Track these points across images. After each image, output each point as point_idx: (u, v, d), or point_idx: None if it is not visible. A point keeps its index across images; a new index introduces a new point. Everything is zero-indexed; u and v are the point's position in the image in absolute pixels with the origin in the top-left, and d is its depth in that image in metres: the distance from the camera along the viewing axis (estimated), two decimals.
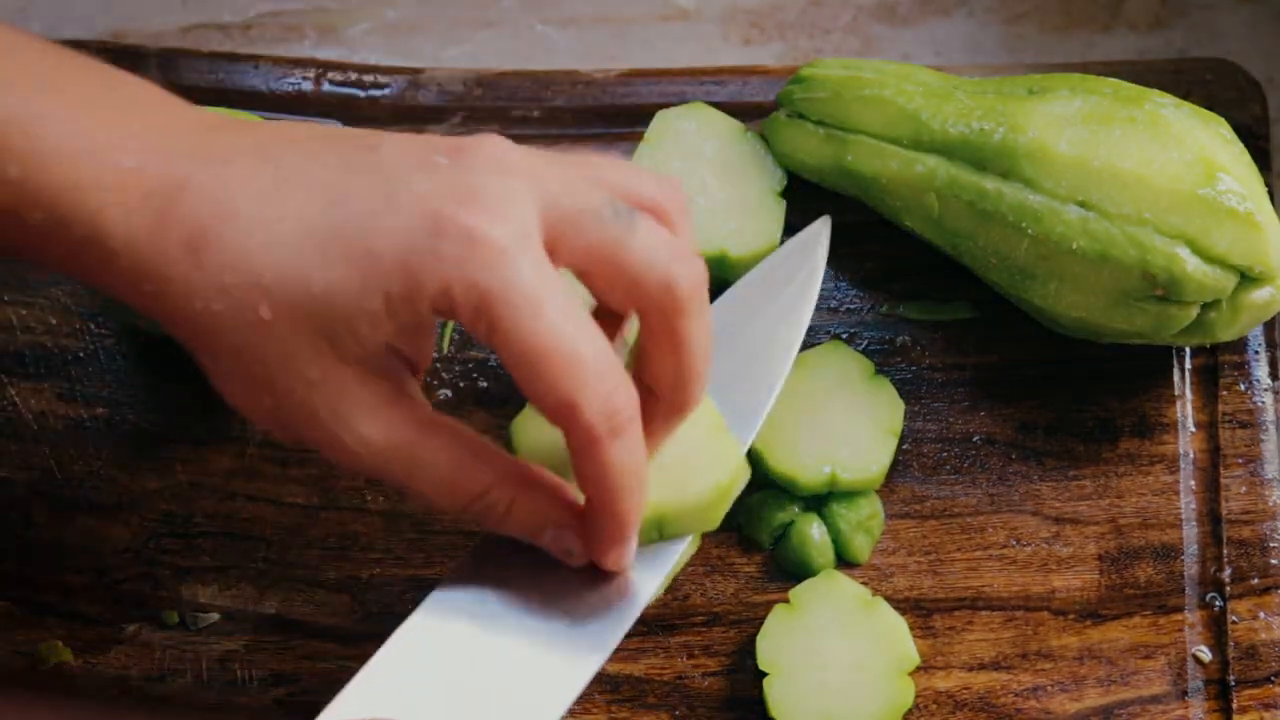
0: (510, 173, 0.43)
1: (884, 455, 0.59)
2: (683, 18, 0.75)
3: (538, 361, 0.42)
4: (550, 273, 0.43)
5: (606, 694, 0.58)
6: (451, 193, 0.42)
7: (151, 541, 0.60)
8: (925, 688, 0.57)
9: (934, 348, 0.63)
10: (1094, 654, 0.58)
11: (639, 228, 0.44)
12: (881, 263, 0.65)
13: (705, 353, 0.47)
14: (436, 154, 0.44)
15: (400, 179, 0.43)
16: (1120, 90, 0.58)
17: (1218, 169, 0.55)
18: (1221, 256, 0.54)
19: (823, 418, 0.60)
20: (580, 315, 0.43)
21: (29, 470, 0.62)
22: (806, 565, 0.59)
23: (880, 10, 0.74)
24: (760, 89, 0.68)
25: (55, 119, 0.43)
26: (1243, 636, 0.58)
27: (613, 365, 0.44)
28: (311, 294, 0.42)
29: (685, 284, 0.45)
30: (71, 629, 0.59)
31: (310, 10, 0.76)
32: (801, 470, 0.59)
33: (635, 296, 0.45)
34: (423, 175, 0.43)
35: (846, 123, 0.62)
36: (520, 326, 0.42)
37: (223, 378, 0.46)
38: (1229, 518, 0.60)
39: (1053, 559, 0.59)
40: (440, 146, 0.44)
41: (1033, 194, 0.56)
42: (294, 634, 0.59)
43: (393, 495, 0.61)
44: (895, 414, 0.60)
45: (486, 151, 0.44)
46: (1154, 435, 0.61)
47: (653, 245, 0.44)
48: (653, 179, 0.47)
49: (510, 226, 0.42)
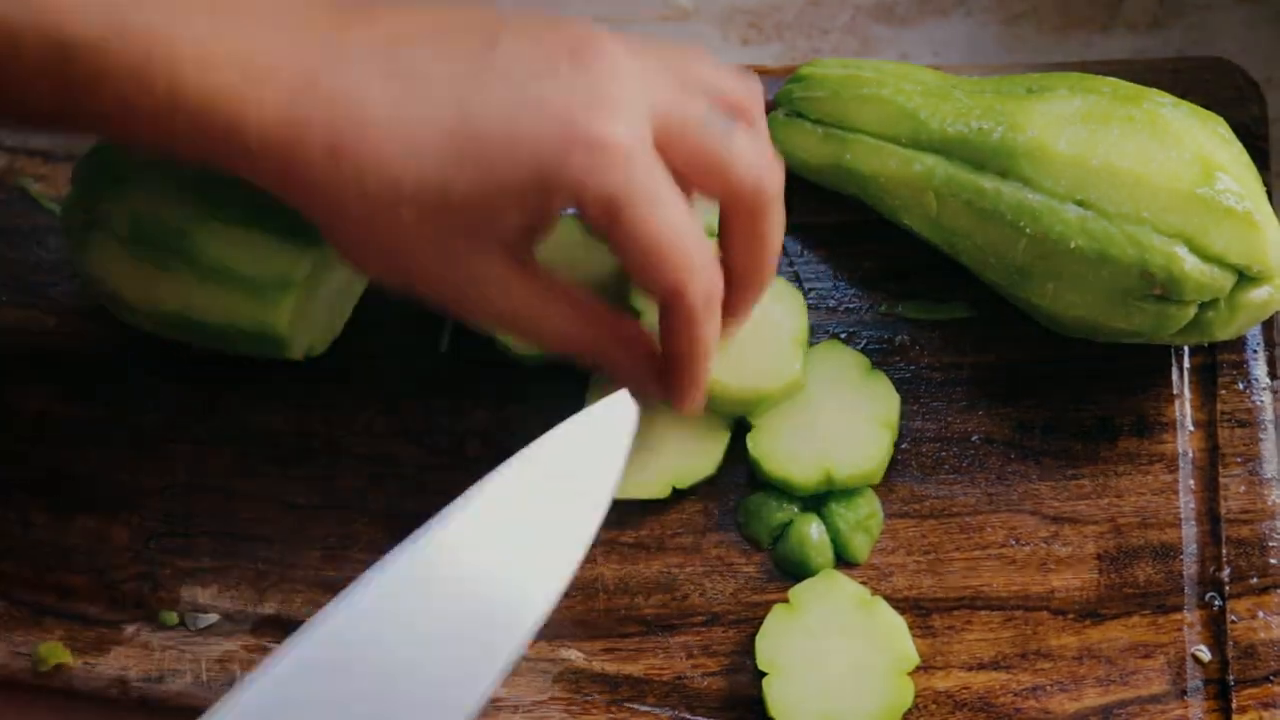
0: (625, 79, 0.47)
1: (879, 448, 0.59)
2: (683, 18, 0.75)
3: (654, 253, 0.47)
4: (663, 174, 0.47)
5: (606, 694, 0.58)
6: (577, 100, 0.46)
7: (151, 541, 0.60)
8: (925, 687, 0.57)
9: (932, 347, 0.63)
10: (1093, 654, 0.58)
11: (736, 137, 0.49)
12: (880, 262, 0.65)
13: (778, 245, 0.53)
14: (558, 59, 0.47)
15: (527, 85, 0.46)
16: (1119, 90, 0.58)
17: (1216, 168, 0.55)
18: (1219, 255, 0.54)
19: (817, 417, 0.60)
20: (688, 212, 0.48)
21: (29, 470, 0.62)
22: (806, 565, 0.59)
23: (878, 10, 0.74)
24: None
25: (191, 26, 0.45)
26: (1242, 636, 0.58)
27: (712, 257, 0.50)
28: (449, 200, 0.46)
29: (772, 189, 0.51)
30: (71, 629, 0.59)
31: None
32: (797, 470, 0.59)
33: (728, 196, 0.50)
34: (548, 82, 0.46)
35: (845, 122, 0.62)
36: (640, 224, 0.47)
37: (352, 248, 0.50)
38: (1228, 517, 0.60)
39: (1052, 558, 0.59)
40: (558, 49, 0.47)
41: (1031, 193, 0.56)
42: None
43: (393, 495, 0.61)
44: (890, 407, 0.60)
45: (604, 59, 0.47)
46: (1153, 434, 0.61)
47: (747, 154, 0.49)
48: (735, 77, 0.52)
49: (631, 131, 0.46)
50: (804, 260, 0.65)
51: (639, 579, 0.59)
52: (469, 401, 0.63)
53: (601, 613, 0.59)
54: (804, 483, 0.59)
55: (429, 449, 0.62)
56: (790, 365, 0.59)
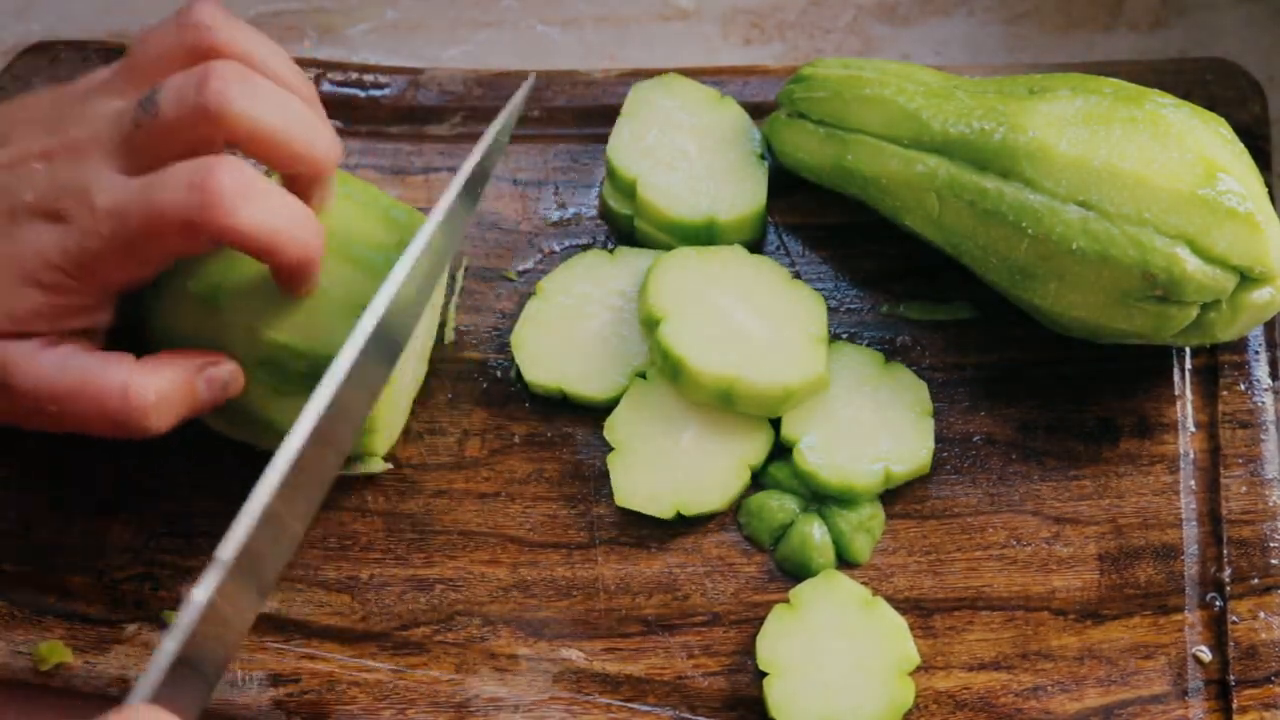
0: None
1: (927, 438, 0.60)
2: (683, 18, 0.75)
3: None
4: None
5: (607, 694, 0.58)
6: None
7: (151, 541, 0.60)
8: (925, 688, 0.57)
9: (934, 348, 0.63)
10: (1094, 654, 0.58)
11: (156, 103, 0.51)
12: (881, 263, 0.65)
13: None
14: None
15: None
16: (1120, 90, 0.58)
17: (1218, 169, 0.55)
18: (1221, 257, 0.54)
19: (854, 418, 0.60)
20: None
21: (29, 470, 0.62)
22: (807, 565, 0.59)
23: (880, 10, 0.74)
24: (760, 89, 0.68)
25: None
26: (1243, 636, 0.58)
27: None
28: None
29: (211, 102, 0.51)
30: (71, 629, 0.59)
31: (310, 10, 0.76)
32: (856, 477, 0.59)
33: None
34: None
35: (847, 122, 0.62)
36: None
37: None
38: (1229, 518, 0.60)
39: (1053, 559, 0.59)
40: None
41: (1033, 194, 0.56)
42: (294, 634, 0.59)
43: (393, 495, 0.61)
44: (922, 395, 0.60)
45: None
46: (1154, 435, 0.61)
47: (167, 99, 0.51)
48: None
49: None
50: (805, 261, 0.65)
51: (640, 579, 0.59)
52: (469, 401, 0.63)
53: (602, 613, 0.59)
54: (868, 487, 0.59)
55: (429, 449, 0.62)
56: (815, 362, 0.59)
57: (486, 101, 0.69)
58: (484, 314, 0.65)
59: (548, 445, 0.62)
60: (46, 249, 0.50)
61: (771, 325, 0.60)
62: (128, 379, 0.51)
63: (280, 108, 0.51)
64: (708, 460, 0.60)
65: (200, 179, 0.49)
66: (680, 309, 0.60)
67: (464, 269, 0.66)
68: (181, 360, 0.53)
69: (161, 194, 0.49)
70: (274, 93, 0.51)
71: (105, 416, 0.51)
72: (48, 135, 0.52)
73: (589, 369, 0.62)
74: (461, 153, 0.68)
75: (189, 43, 0.52)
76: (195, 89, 0.50)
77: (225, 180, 0.49)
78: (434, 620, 0.59)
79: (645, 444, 0.60)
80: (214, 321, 0.55)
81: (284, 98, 0.51)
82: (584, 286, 0.63)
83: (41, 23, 0.76)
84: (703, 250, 0.62)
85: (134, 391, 0.51)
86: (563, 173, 0.68)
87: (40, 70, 0.70)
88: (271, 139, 0.51)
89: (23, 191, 0.51)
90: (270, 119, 0.50)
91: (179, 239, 0.50)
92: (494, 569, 0.60)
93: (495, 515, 0.61)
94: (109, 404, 0.51)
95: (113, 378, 0.51)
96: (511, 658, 0.58)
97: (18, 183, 0.51)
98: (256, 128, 0.50)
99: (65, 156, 0.51)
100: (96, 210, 0.50)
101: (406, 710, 0.57)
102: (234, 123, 0.50)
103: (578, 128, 0.69)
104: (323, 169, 0.53)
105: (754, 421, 0.60)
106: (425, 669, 0.58)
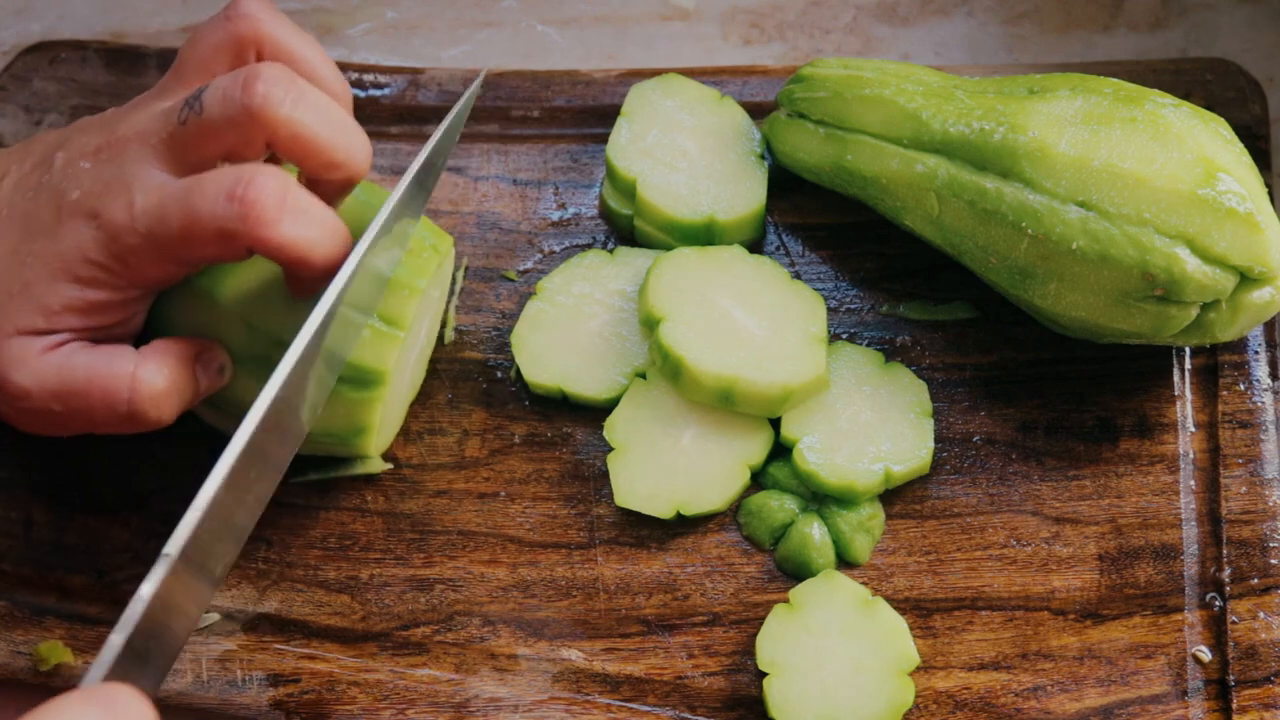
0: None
1: (927, 438, 0.60)
2: (683, 18, 0.75)
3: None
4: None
5: (607, 694, 0.58)
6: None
7: (151, 541, 0.60)
8: (925, 688, 0.57)
9: (934, 348, 0.63)
10: (1094, 654, 0.58)
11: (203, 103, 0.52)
12: (881, 263, 0.65)
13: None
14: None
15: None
16: (1120, 90, 0.58)
17: (1218, 169, 0.55)
18: (1221, 257, 0.54)
19: (854, 419, 0.60)
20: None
21: (29, 470, 0.62)
22: (807, 565, 0.59)
23: (880, 10, 0.74)
24: (760, 89, 0.68)
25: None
26: (1242, 636, 0.58)
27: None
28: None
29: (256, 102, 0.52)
30: (71, 629, 0.59)
31: (310, 10, 0.76)
32: (856, 477, 0.59)
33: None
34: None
35: (846, 122, 0.62)
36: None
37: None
38: (1229, 518, 0.60)
39: (1053, 559, 0.59)
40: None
41: (1033, 194, 0.56)
42: (294, 634, 0.59)
43: (393, 495, 0.61)
44: (921, 395, 0.60)
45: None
46: (1154, 435, 0.61)
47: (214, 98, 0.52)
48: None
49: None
50: (805, 261, 0.65)
51: (640, 579, 0.59)
52: (469, 401, 0.63)
53: (602, 613, 0.59)
54: (868, 487, 0.59)
55: (428, 449, 0.62)
56: (815, 362, 0.59)
57: (486, 101, 0.69)
58: (484, 314, 0.65)
59: (548, 445, 0.62)
60: (85, 244, 0.51)
61: (771, 325, 0.60)
62: (134, 369, 0.52)
63: (322, 114, 0.52)
64: (707, 460, 0.60)
65: (241, 190, 0.49)
66: (680, 309, 0.60)
67: (464, 269, 0.66)
68: (177, 348, 0.54)
69: (201, 201, 0.50)
70: (317, 98, 0.52)
71: (114, 409, 0.52)
72: (99, 136, 0.53)
73: (589, 369, 0.62)
74: (461, 153, 0.68)
75: (237, 34, 0.53)
76: (241, 90, 0.50)
77: (264, 193, 0.49)
78: (434, 620, 0.59)
79: (645, 444, 0.60)
80: (211, 313, 0.55)
81: (325, 103, 0.52)
82: (584, 286, 0.63)
83: (41, 23, 0.76)
84: (703, 250, 0.62)
85: (143, 380, 0.52)
86: (563, 173, 0.68)
87: (40, 70, 0.70)
88: (312, 144, 0.51)
89: (70, 191, 0.52)
90: (312, 124, 0.51)
91: (216, 247, 0.50)
92: (494, 569, 0.60)
93: (495, 515, 0.61)
94: (118, 396, 0.52)
95: (119, 369, 0.52)
96: (511, 658, 0.58)
97: (65, 183, 0.52)
98: (298, 132, 0.51)
99: (111, 153, 0.52)
100: (135, 208, 0.51)
101: (406, 710, 0.57)
102: (276, 126, 0.50)
103: (577, 128, 0.69)
104: (356, 176, 0.54)
105: (754, 421, 0.60)
106: (425, 669, 0.58)
